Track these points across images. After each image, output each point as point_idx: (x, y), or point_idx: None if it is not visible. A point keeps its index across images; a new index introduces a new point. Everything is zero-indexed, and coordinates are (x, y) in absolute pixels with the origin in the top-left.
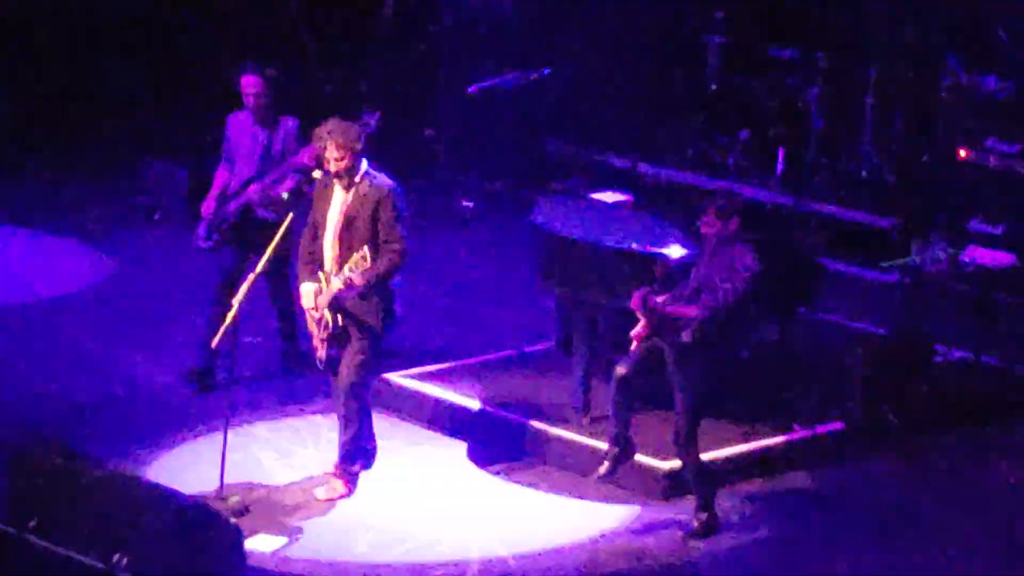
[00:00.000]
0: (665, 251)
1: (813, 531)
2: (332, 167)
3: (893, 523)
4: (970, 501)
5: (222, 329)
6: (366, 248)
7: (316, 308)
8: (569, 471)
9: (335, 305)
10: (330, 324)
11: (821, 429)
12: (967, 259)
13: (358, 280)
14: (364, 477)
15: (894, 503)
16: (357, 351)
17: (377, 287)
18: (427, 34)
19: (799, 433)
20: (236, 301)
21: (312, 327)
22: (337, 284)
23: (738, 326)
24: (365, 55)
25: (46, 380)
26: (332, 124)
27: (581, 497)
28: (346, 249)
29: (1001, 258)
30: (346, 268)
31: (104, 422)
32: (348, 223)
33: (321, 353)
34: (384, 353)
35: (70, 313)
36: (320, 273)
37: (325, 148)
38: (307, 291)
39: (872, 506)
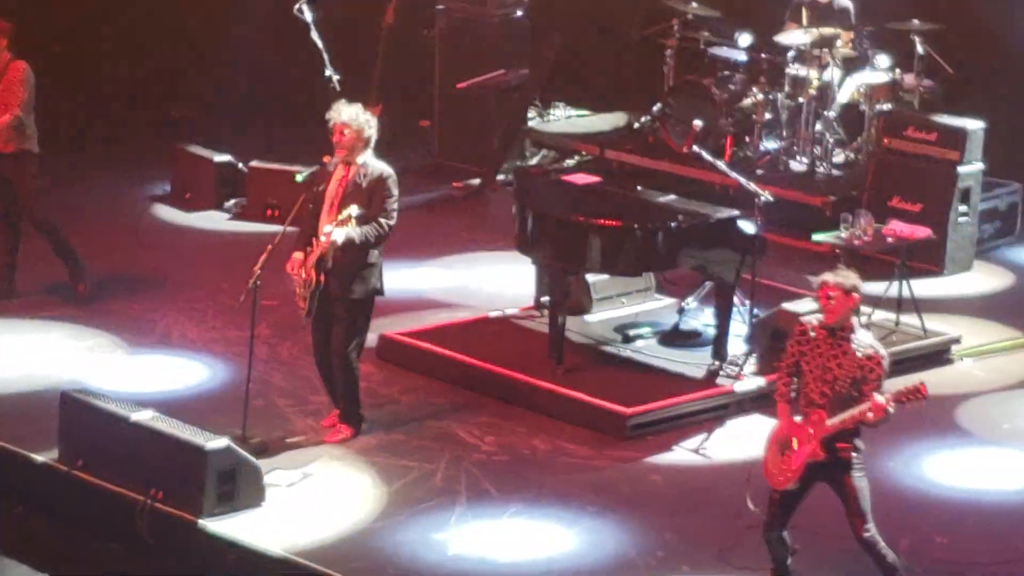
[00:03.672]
0: (636, 226)
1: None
2: (336, 138)
3: None
4: None
5: (246, 290)
6: (354, 208)
7: (298, 272)
8: (545, 415)
9: (322, 265)
10: (314, 282)
11: (769, 378)
12: (889, 232)
13: (350, 231)
14: (367, 420)
15: None
16: (345, 322)
17: (360, 247)
18: (422, 38)
19: (745, 383)
20: (258, 267)
21: (297, 288)
22: (330, 228)
23: None
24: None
25: (91, 334)
26: (355, 108)
27: (555, 438)
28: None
29: (919, 231)
30: (343, 214)
31: (141, 371)
32: (345, 200)
33: (304, 312)
34: (388, 313)
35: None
36: (314, 240)
37: (339, 122)
38: (295, 258)
39: None
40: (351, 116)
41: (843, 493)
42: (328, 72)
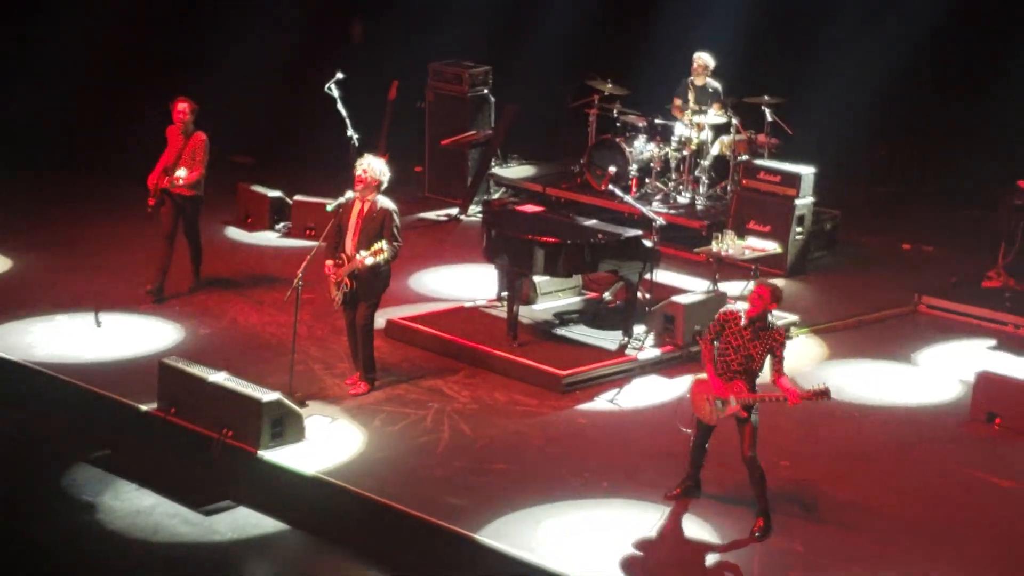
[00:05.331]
0: (568, 242)
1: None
2: (358, 176)
3: None
4: None
5: (291, 288)
6: (383, 242)
7: (335, 275)
8: (504, 376)
9: (353, 275)
10: (347, 286)
11: (663, 349)
12: (747, 247)
13: (379, 258)
14: (378, 380)
15: None
16: (366, 307)
17: (381, 266)
18: (416, 109)
19: (646, 353)
20: (300, 272)
21: (332, 287)
22: (363, 255)
23: None
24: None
25: (180, 320)
26: (378, 161)
27: (511, 392)
28: (362, 242)
29: (768, 246)
30: (375, 246)
31: (216, 345)
32: (363, 227)
33: (337, 302)
34: (393, 304)
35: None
36: (342, 255)
37: (362, 169)
38: (328, 264)
39: None
40: (371, 164)
41: (741, 426)
42: (350, 132)
